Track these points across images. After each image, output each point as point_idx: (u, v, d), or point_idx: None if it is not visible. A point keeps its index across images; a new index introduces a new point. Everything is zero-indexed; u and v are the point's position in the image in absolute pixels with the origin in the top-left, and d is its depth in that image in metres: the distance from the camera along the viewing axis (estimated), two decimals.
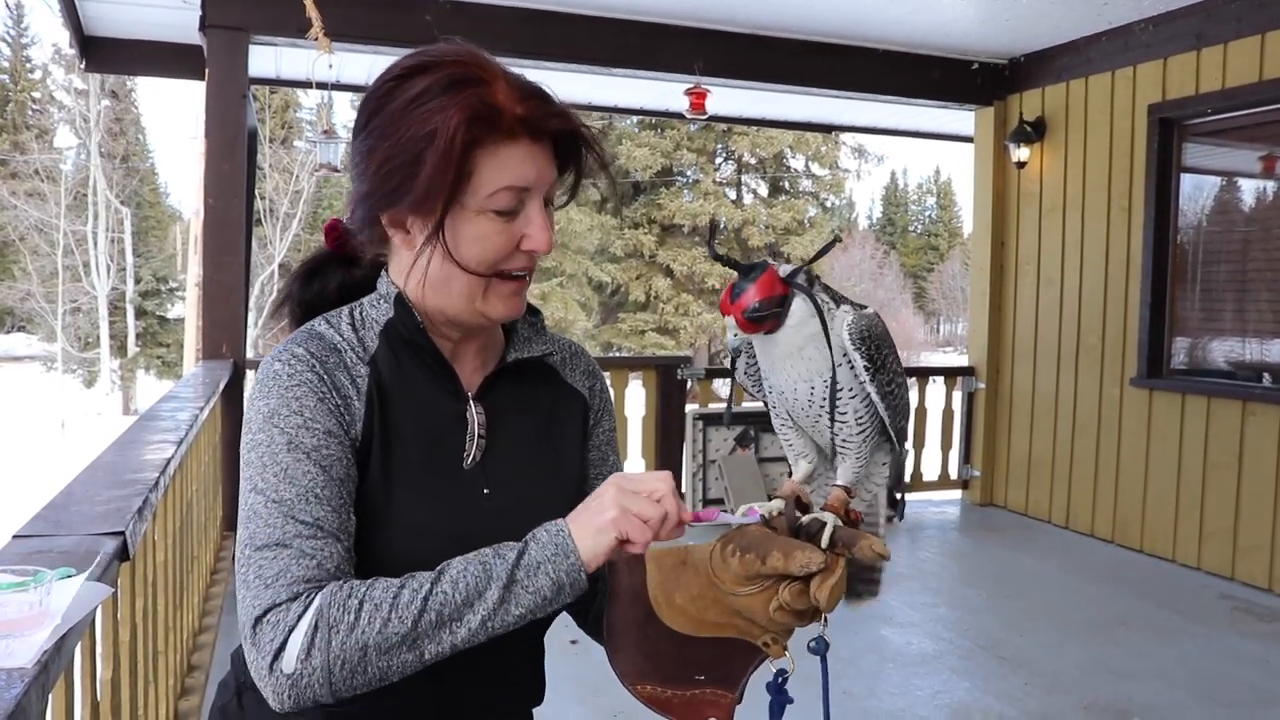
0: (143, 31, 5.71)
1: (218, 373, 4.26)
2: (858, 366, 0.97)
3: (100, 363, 24.96)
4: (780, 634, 0.92)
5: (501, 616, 0.88)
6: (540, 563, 0.88)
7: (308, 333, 1.01)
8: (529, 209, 0.97)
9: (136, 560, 1.97)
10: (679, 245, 25.78)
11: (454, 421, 1.03)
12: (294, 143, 25.11)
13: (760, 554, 0.88)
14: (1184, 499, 5.17)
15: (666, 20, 5.49)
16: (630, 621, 0.97)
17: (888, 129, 8.27)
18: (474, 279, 0.97)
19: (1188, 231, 5.39)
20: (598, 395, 1.17)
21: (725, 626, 0.93)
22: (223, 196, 4.86)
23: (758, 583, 0.89)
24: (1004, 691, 3.53)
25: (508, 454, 1.05)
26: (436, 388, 1.03)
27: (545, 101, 0.97)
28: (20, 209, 24.04)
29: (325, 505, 0.92)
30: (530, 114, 0.95)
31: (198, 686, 3.06)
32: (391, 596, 0.87)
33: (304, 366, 0.96)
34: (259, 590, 0.88)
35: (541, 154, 0.97)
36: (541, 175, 0.97)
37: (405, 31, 5.02)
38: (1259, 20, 4.72)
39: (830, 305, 0.98)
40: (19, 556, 1.26)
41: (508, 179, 0.95)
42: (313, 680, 0.86)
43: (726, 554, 0.91)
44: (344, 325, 1.02)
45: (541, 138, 0.97)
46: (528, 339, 1.11)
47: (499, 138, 0.94)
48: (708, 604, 0.93)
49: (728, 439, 6.04)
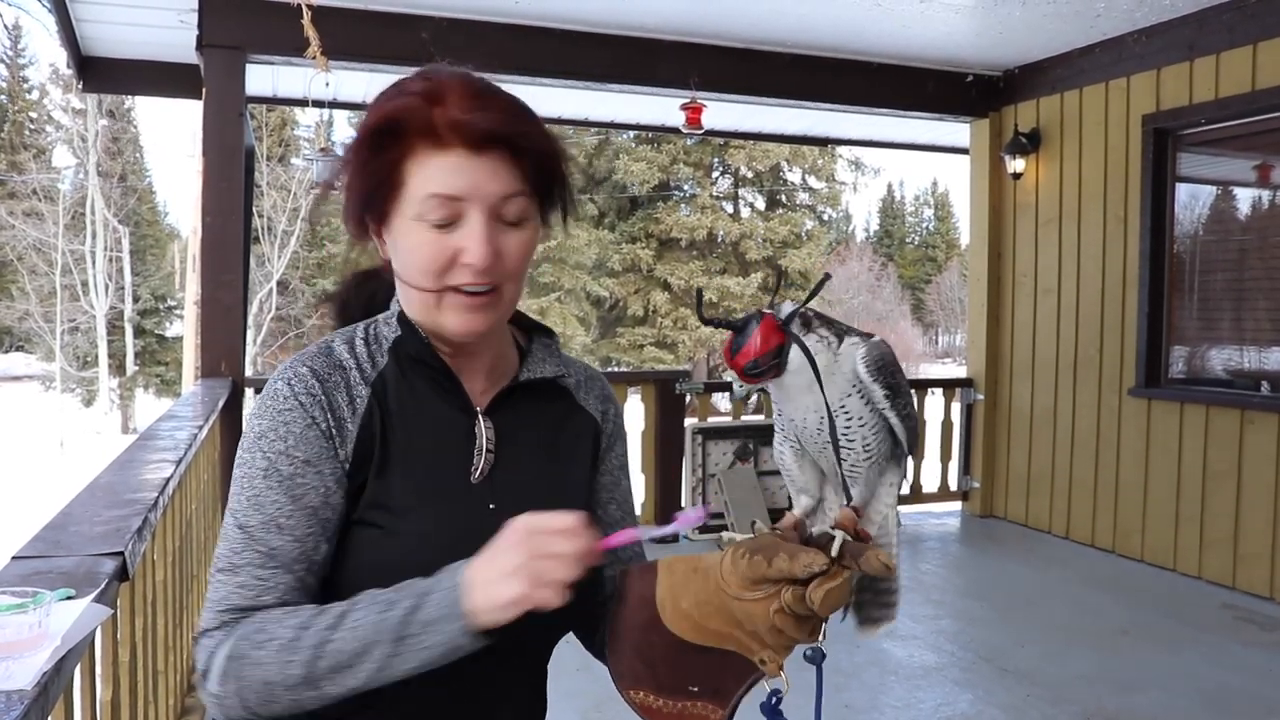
0: (140, 51, 5.73)
1: (216, 391, 4.25)
2: (876, 396, 0.98)
3: (99, 382, 24.92)
4: (778, 650, 0.92)
5: (392, 670, 0.89)
6: (433, 621, 0.88)
7: (319, 349, 1.03)
8: (469, 221, 0.94)
9: (136, 580, 1.96)
10: (677, 259, 25.82)
11: (462, 436, 1.04)
12: (291, 160, 25.18)
13: (767, 556, 0.89)
14: (1184, 508, 5.17)
15: (661, 36, 5.52)
16: (633, 625, 0.98)
17: (884, 142, 8.28)
18: (425, 292, 0.97)
19: (1184, 241, 5.40)
20: (610, 420, 1.16)
21: (726, 637, 0.93)
22: (220, 214, 4.86)
23: (762, 588, 0.89)
24: (1007, 703, 3.52)
25: (516, 470, 1.06)
26: (445, 403, 1.04)
27: (486, 109, 0.94)
28: (18, 228, 24.05)
29: (286, 535, 0.95)
30: (463, 122, 0.93)
31: (198, 707, 3.04)
32: (292, 637, 0.90)
33: (302, 388, 0.98)
34: (205, 611, 0.95)
35: (484, 165, 0.94)
36: (479, 186, 0.94)
37: (402, 49, 5.04)
38: (1250, 30, 4.75)
39: (833, 340, 0.99)
40: (18, 578, 1.25)
41: (435, 187, 0.93)
42: (232, 704, 0.92)
43: (736, 557, 0.91)
44: (357, 342, 1.04)
45: (484, 148, 0.94)
46: (542, 360, 1.11)
47: (428, 145, 0.93)
48: (712, 611, 0.93)
49: (727, 453, 6.04)
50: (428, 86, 0.95)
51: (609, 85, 5.63)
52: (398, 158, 0.94)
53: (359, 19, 4.95)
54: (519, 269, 0.99)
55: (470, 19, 5.13)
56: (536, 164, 0.97)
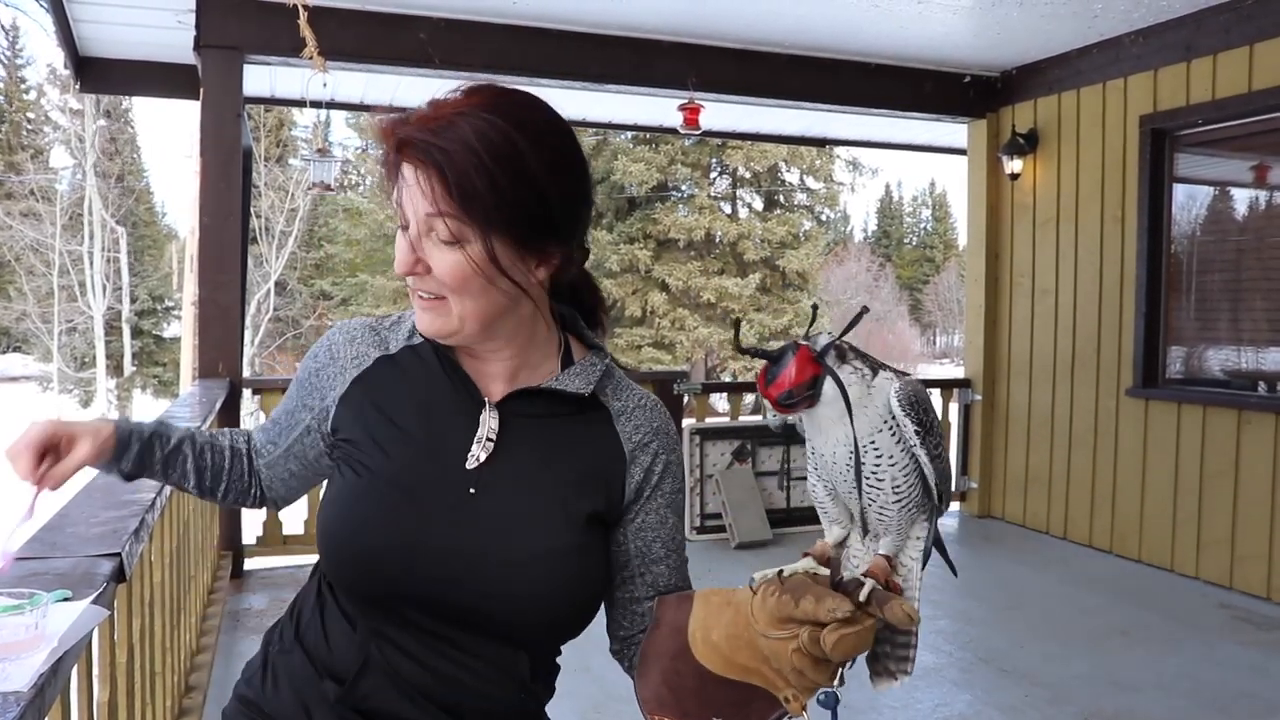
0: (137, 52, 5.72)
1: (214, 392, 4.25)
2: (907, 432, 0.98)
3: (97, 382, 24.88)
4: (802, 691, 0.93)
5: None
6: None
7: (368, 318, 1.20)
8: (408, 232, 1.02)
9: (133, 581, 1.96)
10: (675, 260, 25.79)
11: (467, 423, 1.07)
12: (289, 161, 25.16)
13: (796, 597, 0.89)
14: (1181, 508, 5.17)
15: (659, 36, 5.52)
16: (663, 652, 1.00)
17: (881, 142, 8.29)
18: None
19: (1181, 241, 5.41)
20: (650, 453, 1.11)
21: (753, 672, 0.94)
22: (218, 215, 4.86)
23: (789, 627, 0.90)
24: (1005, 704, 3.52)
25: (510, 466, 1.06)
26: (454, 389, 1.09)
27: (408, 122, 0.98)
28: (15, 229, 24.01)
29: (274, 423, 1.22)
30: (393, 134, 0.99)
31: (195, 707, 3.04)
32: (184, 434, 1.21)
33: (340, 336, 1.17)
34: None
35: (419, 183, 0.97)
36: (410, 201, 0.98)
37: (399, 50, 5.04)
38: (1247, 31, 4.75)
39: (867, 374, 0.99)
40: (15, 579, 1.25)
41: (394, 195, 1.02)
42: None
43: (766, 594, 0.92)
44: (387, 321, 1.17)
45: (419, 164, 0.97)
46: (576, 375, 1.10)
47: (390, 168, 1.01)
48: (740, 645, 0.94)
49: (725, 454, 6.04)
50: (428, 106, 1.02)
51: (606, 86, 5.63)
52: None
53: (356, 19, 4.94)
54: (456, 285, 0.99)
55: (467, 19, 5.13)
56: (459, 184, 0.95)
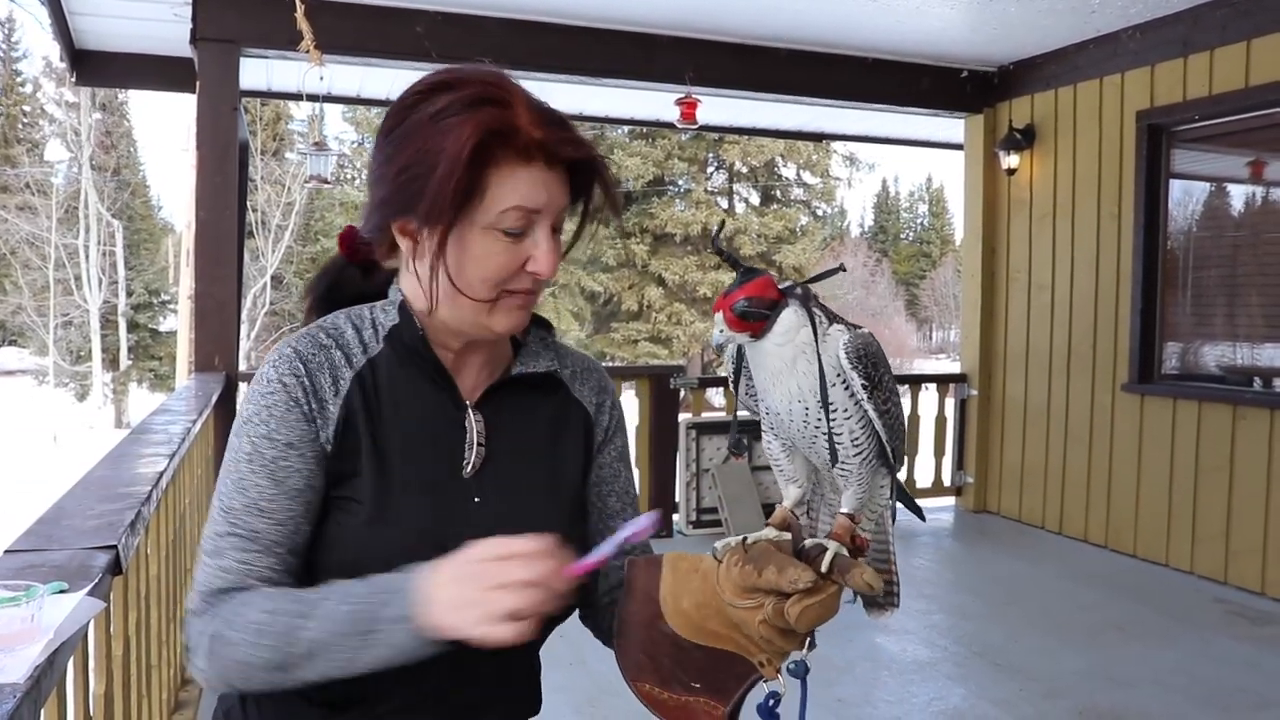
0: (133, 45, 5.70)
1: (210, 386, 4.25)
2: (855, 385, 0.96)
3: (92, 376, 24.87)
4: (774, 655, 0.93)
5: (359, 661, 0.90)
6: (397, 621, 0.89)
7: (306, 332, 1.04)
8: (537, 232, 0.99)
9: (129, 574, 1.96)
10: (671, 254, 25.79)
11: (453, 429, 1.05)
12: (285, 155, 25.12)
13: (758, 566, 0.89)
14: (1176, 503, 5.19)
15: (657, 30, 5.51)
16: (639, 620, 1.00)
17: (878, 137, 8.29)
18: (481, 297, 1.00)
19: (1177, 237, 5.41)
20: (606, 411, 1.16)
21: (724, 638, 0.94)
22: (214, 209, 4.85)
23: (754, 596, 0.90)
24: (999, 698, 3.53)
25: (505, 464, 1.06)
26: (437, 395, 1.05)
27: (564, 128, 0.98)
28: (11, 223, 23.97)
29: (268, 518, 0.97)
30: (548, 139, 0.96)
31: (191, 700, 3.04)
32: (266, 622, 0.92)
33: (287, 369, 0.99)
34: (191, 592, 0.98)
35: (555, 180, 0.98)
36: (553, 200, 0.99)
37: (396, 43, 5.03)
38: (1244, 27, 4.76)
39: (824, 321, 0.97)
40: (11, 571, 1.26)
41: (518, 199, 0.96)
42: (216, 681, 0.96)
43: (730, 564, 0.92)
44: (347, 327, 1.05)
45: (556, 164, 0.98)
46: (536, 353, 1.11)
47: (514, 158, 0.96)
48: (710, 613, 0.94)
49: (721, 448, 6.05)
50: (500, 95, 0.97)
51: (604, 80, 5.63)
52: (484, 168, 0.95)
53: (353, 13, 4.93)
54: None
55: (465, 13, 5.12)
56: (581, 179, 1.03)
